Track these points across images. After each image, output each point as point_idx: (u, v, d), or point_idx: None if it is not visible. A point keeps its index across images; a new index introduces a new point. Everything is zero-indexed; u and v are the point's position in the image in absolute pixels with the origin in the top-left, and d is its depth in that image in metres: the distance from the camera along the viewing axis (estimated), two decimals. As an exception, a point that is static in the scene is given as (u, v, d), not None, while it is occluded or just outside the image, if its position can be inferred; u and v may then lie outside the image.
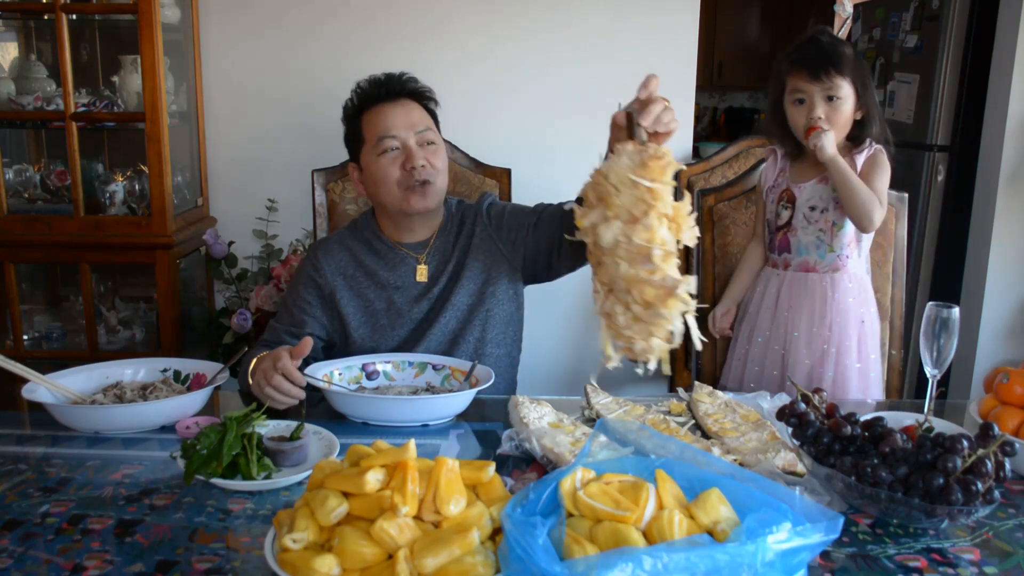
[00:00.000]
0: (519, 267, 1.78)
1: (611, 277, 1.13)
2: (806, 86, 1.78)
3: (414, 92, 1.74)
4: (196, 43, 2.56)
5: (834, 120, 1.78)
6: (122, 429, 1.39)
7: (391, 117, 1.68)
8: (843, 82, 1.76)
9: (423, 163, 1.66)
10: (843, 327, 1.85)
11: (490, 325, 1.74)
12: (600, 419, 1.10)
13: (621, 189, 1.12)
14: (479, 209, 1.80)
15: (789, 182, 1.90)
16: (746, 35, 6.05)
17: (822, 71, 1.76)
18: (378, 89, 1.71)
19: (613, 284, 1.14)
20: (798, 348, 1.88)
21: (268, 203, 2.58)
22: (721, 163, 2.59)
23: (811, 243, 1.87)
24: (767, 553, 0.80)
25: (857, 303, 1.87)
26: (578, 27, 2.56)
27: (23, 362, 1.43)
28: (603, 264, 1.14)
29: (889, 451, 1.11)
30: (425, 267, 1.74)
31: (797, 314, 1.87)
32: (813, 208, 1.86)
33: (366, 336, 1.72)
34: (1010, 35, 2.79)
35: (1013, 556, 1.05)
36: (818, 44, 1.80)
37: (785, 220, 1.90)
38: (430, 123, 1.73)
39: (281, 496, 1.17)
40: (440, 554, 0.85)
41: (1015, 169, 2.83)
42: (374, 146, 1.68)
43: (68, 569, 0.98)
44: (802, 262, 1.88)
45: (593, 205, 1.15)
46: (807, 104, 1.79)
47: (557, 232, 1.70)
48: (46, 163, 2.70)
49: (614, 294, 1.15)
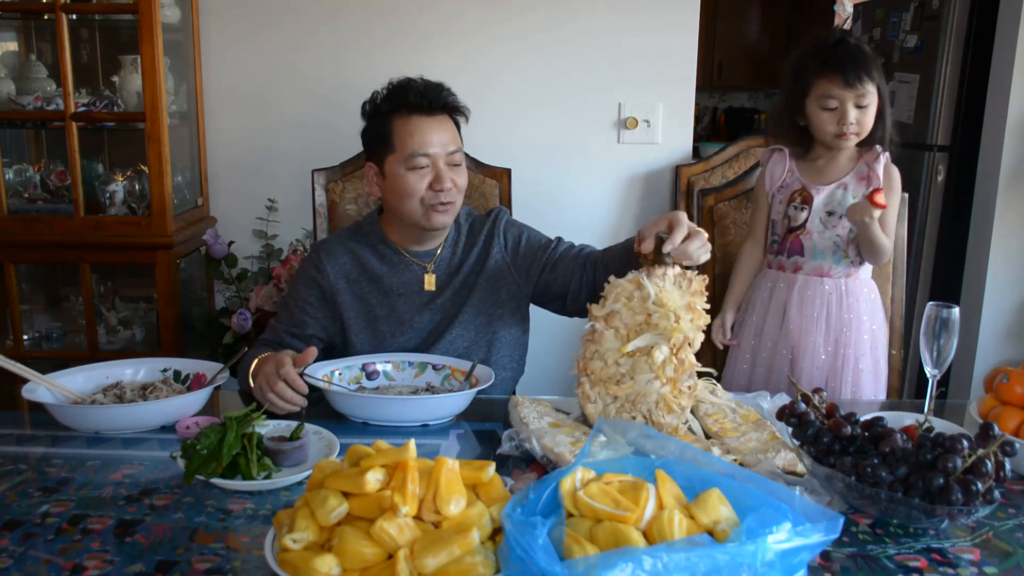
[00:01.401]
0: (528, 295, 1.77)
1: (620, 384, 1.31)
2: (839, 92, 1.74)
3: (452, 108, 1.70)
4: (196, 43, 2.56)
5: (864, 125, 1.76)
6: (122, 429, 1.39)
7: (428, 134, 1.64)
8: (872, 88, 1.74)
9: (450, 185, 1.65)
10: (858, 331, 1.84)
11: (496, 347, 1.73)
12: (600, 419, 1.10)
13: (678, 314, 1.26)
14: (495, 228, 1.77)
15: (804, 182, 1.86)
16: (746, 35, 6.05)
17: (856, 78, 1.72)
18: (419, 99, 1.65)
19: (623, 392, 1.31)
20: (812, 353, 1.85)
21: (268, 203, 2.58)
22: (721, 163, 2.59)
23: (827, 248, 1.83)
24: (767, 553, 0.80)
25: (869, 308, 1.86)
26: (578, 27, 2.56)
27: (23, 362, 1.43)
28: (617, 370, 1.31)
29: (889, 451, 1.11)
30: (433, 276, 1.73)
31: (810, 319, 1.84)
32: (831, 213, 1.82)
33: (366, 341, 1.71)
34: (1010, 35, 2.79)
35: (1013, 556, 1.05)
36: (848, 47, 1.76)
37: (800, 222, 1.85)
38: (460, 143, 1.70)
39: (281, 496, 1.17)
40: (440, 554, 0.85)
41: (1015, 169, 2.83)
42: (405, 159, 1.63)
43: (68, 569, 0.98)
44: (816, 267, 1.85)
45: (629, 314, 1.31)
46: (840, 111, 1.75)
47: (576, 280, 1.69)
48: (46, 163, 2.70)
49: (602, 385, 1.32)
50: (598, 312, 1.32)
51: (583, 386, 1.34)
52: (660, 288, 1.27)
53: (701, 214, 2.19)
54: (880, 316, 1.89)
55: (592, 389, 1.33)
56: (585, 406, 1.35)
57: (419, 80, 1.69)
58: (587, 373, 1.33)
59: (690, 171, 2.56)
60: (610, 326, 1.30)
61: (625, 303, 1.29)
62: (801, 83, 1.80)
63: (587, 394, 1.33)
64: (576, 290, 1.69)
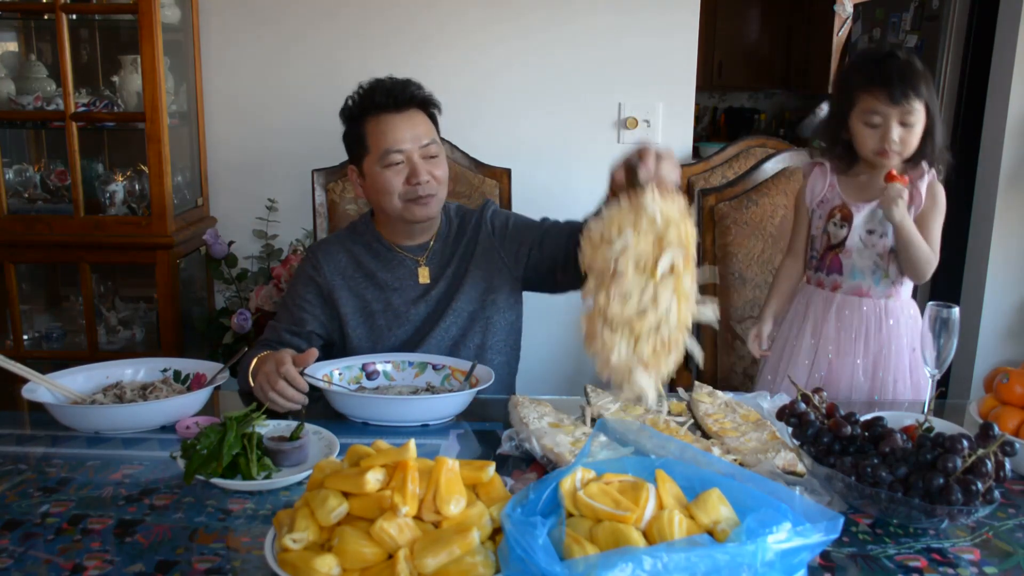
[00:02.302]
0: (520, 277, 1.78)
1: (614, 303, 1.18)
2: (883, 108, 1.67)
3: (422, 101, 1.71)
4: (196, 43, 2.56)
5: (908, 144, 1.69)
6: (122, 429, 1.39)
7: (398, 130, 1.66)
8: (919, 106, 1.67)
9: (427, 178, 1.66)
10: (897, 354, 1.77)
11: (491, 332, 1.74)
12: (600, 419, 1.10)
13: (685, 225, 1.17)
14: (482, 217, 1.79)
15: (844, 198, 1.79)
16: (746, 35, 6.05)
17: (902, 95, 1.65)
18: (386, 97, 1.68)
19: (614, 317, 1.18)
20: (851, 373, 1.79)
21: (268, 203, 2.58)
22: (721, 163, 2.59)
23: (867, 268, 1.77)
24: (767, 553, 0.80)
25: (909, 329, 1.78)
26: (578, 26, 2.56)
27: (23, 362, 1.43)
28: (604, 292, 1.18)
29: (889, 451, 1.11)
30: (426, 269, 1.75)
31: (848, 340, 1.78)
32: (871, 232, 1.76)
33: (363, 336, 1.72)
34: (1010, 35, 2.79)
35: (1013, 556, 1.05)
36: (896, 62, 1.69)
37: (839, 240, 1.78)
38: (434, 134, 1.71)
39: (281, 496, 1.17)
40: (440, 554, 0.85)
41: (1015, 169, 2.83)
42: (379, 158, 1.66)
43: (68, 569, 0.98)
44: (855, 286, 1.78)
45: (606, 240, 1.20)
46: (883, 128, 1.68)
47: (563, 252, 1.69)
48: (46, 163, 2.70)
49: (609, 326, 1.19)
50: (610, 252, 1.20)
51: (603, 338, 1.20)
52: (661, 207, 1.18)
53: (701, 214, 2.19)
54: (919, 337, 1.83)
55: (613, 336, 1.20)
56: (609, 358, 1.20)
57: (387, 79, 1.71)
58: (606, 321, 1.20)
59: (690, 171, 2.56)
60: (628, 260, 1.18)
61: (634, 232, 1.19)
62: (846, 96, 1.74)
63: (608, 343, 1.19)
64: (564, 261, 1.69)
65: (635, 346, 1.19)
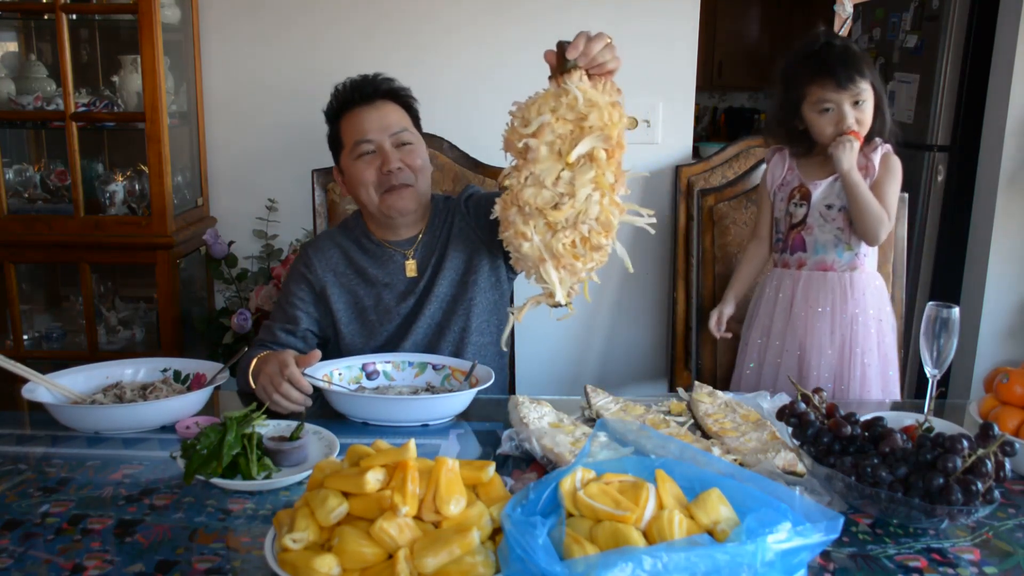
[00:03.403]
0: (500, 254, 1.77)
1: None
2: (833, 95, 1.75)
3: (389, 92, 1.74)
4: (196, 43, 2.56)
5: (864, 123, 1.77)
6: (122, 429, 1.39)
7: (366, 121, 1.69)
8: (866, 85, 1.75)
9: (399, 166, 1.67)
10: (864, 325, 1.83)
11: (474, 314, 1.74)
12: (600, 419, 1.10)
13: (610, 111, 1.13)
14: (459, 200, 1.81)
15: (802, 179, 1.87)
16: (746, 35, 6.05)
17: (847, 79, 1.73)
18: (353, 92, 1.72)
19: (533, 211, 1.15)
20: (819, 349, 1.85)
21: (268, 203, 2.58)
22: (721, 163, 2.59)
23: (828, 241, 1.84)
24: (767, 553, 0.80)
25: (875, 301, 1.85)
26: (578, 26, 2.55)
27: (23, 362, 1.43)
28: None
29: (889, 451, 1.11)
30: (413, 262, 1.75)
31: (815, 314, 1.84)
32: (830, 207, 1.83)
33: (355, 332, 1.73)
34: (1010, 35, 2.79)
35: (1013, 556, 1.05)
36: (834, 50, 1.77)
37: (800, 218, 1.86)
38: (407, 123, 1.73)
39: (281, 496, 1.17)
40: (440, 554, 0.85)
41: (1015, 169, 2.83)
42: (351, 150, 1.70)
43: (68, 569, 0.98)
44: (819, 261, 1.85)
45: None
46: (835, 113, 1.76)
47: None
48: (46, 163, 2.70)
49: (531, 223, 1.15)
50: (525, 131, 1.14)
51: (515, 224, 1.15)
52: (584, 89, 1.14)
53: (701, 214, 2.19)
54: (887, 310, 1.89)
55: (526, 225, 1.15)
56: (520, 246, 1.16)
57: (357, 76, 1.75)
58: (518, 206, 1.15)
59: (690, 171, 2.56)
60: (542, 141, 1.13)
61: (552, 114, 1.14)
62: (794, 90, 1.82)
63: (521, 231, 1.15)
64: None
65: (552, 239, 1.14)
